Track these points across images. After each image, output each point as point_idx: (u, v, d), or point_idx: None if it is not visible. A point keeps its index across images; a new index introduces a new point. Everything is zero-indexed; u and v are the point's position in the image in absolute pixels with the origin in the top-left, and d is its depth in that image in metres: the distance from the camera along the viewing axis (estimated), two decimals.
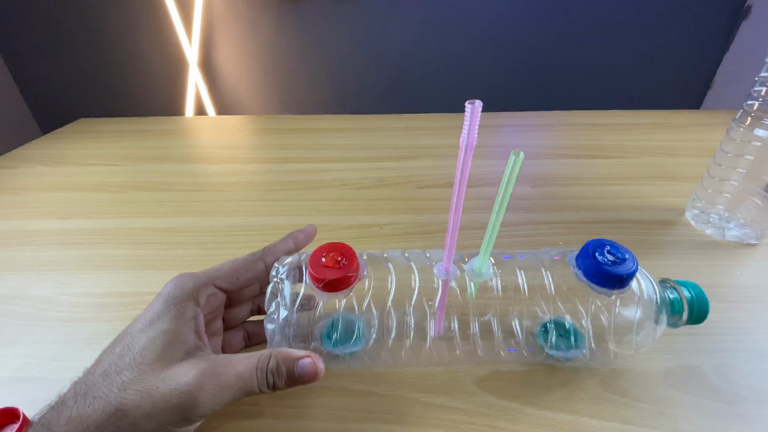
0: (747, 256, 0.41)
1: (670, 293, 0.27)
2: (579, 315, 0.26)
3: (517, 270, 0.28)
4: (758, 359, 0.30)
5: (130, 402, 0.20)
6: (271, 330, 0.26)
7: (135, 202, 0.54)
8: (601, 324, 0.26)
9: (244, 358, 0.23)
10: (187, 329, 0.24)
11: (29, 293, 0.38)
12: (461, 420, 0.26)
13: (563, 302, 0.26)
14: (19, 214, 0.52)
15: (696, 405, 0.27)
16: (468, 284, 0.27)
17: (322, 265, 0.25)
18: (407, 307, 0.26)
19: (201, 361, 0.22)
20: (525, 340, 0.27)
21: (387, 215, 0.49)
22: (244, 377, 0.22)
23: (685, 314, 0.26)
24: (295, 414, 0.27)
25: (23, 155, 0.71)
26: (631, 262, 0.25)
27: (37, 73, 1.70)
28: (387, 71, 1.62)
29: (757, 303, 0.35)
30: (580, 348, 0.27)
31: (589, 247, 0.26)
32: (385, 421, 0.26)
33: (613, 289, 0.25)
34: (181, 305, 0.24)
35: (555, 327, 0.27)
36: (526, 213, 0.49)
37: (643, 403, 0.27)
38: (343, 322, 0.27)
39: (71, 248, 0.45)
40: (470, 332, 0.27)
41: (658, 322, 0.26)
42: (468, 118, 0.19)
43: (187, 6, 1.50)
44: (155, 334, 0.23)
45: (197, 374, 0.21)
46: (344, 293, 0.26)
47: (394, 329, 0.26)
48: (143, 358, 0.22)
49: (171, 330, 0.23)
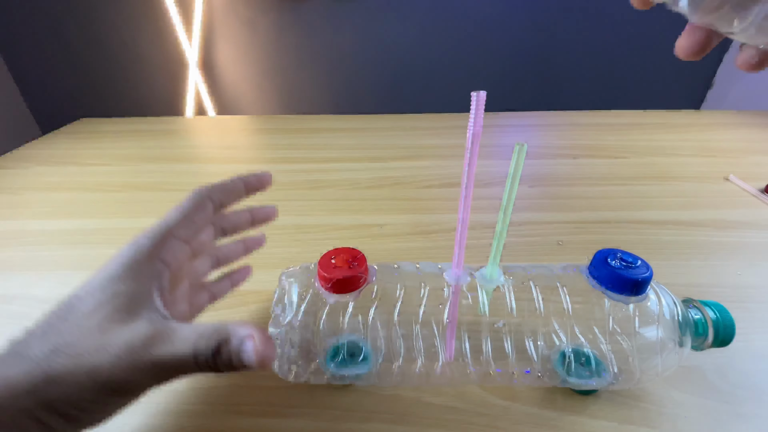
0: (747, 256, 0.41)
1: (694, 313, 0.25)
2: (597, 335, 0.25)
3: (530, 282, 0.27)
4: (758, 359, 0.30)
5: (59, 368, 0.18)
6: (273, 334, 0.25)
7: (135, 202, 0.54)
8: (621, 345, 0.25)
9: (186, 333, 0.19)
10: (147, 290, 0.21)
11: (29, 293, 0.38)
12: (461, 420, 0.26)
13: (580, 317, 0.25)
14: (19, 214, 0.52)
15: (696, 405, 0.27)
16: (480, 293, 0.26)
17: (332, 266, 0.25)
18: (418, 314, 0.26)
19: (142, 327, 0.19)
20: (542, 365, 0.26)
21: (387, 215, 0.49)
22: (177, 358, 0.18)
23: (710, 336, 0.25)
24: (295, 414, 0.27)
25: (23, 155, 0.71)
26: (645, 268, 0.24)
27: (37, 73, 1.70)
28: (387, 71, 1.61)
29: (757, 303, 0.35)
30: (601, 375, 0.25)
31: (600, 255, 0.25)
32: (385, 421, 0.26)
33: (630, 295, 0.24)
34: (142, 264, 0.22)
35: (575, 355, 0.25)
36: (526, 213, 0.49)
37: (644, 402, 0.27)
38: (349, 342, 0.26)
39: (71, 248, 0.45)
40: (483, 355, 0.26)
41: (682, 344, 0.25)
42: (474, 108, 0.19)
43: (187, 6, 1.50)
44: (105, 298, 0.20)
45: (128, 345, 0.18)
46: (353, 295, 0.25)
47: (403, 348, 0.26)
48: (87, 322, 0.19)
49: (125, 293, 0.21)
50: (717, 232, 0.45)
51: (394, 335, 0.26)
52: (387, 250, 0.43)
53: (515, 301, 0.26)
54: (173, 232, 0.24)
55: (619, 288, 0.24)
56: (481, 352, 0.26)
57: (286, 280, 0.27)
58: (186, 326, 0.20)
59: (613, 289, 0.24)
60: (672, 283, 0.37)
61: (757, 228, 0.46)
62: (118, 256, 0.22)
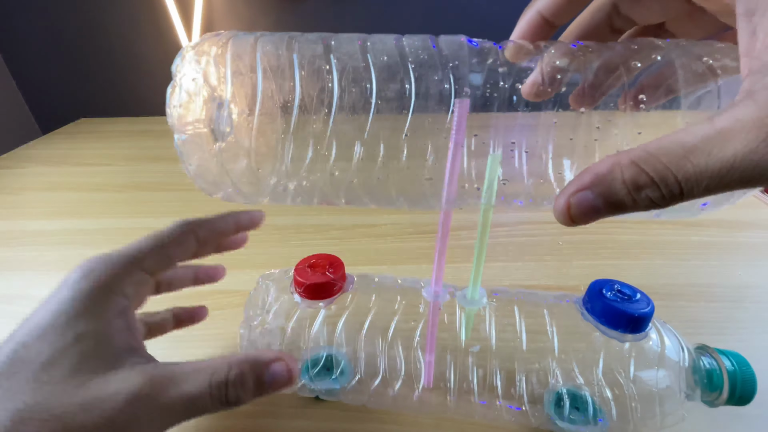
0: (747, 256, 0.41)
1: (707, 362, 0.22)
2: (589, 372, 0.22)
3: (515, 308, 0.24)
4: (758, 359, 0.30)
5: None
6: (242, 335, 0.25)
7: (135, 202, 0.54)
8: (614, 390, 0.22)
9: (192, 371, 0.17)
10: (115, 329, 0.18)
11: (29, 293, 0.38)
12: (462, 421, 0.26)
13: (568, 350, 0.23)
14: (19, 214, 0.52)
15: (696, 405, 0.27)
16: (458, 316, 0.24)
17: (308, 272, 0.25)
18: (389, 330, 0.24)
19: (135, 374, 0.17)
20: (530, 404, 0.23)
21: (387, 215, 0.49)
22: (192, 398, 0.17)
23: (725, 391, 0.21)
24: (295, 414, 0.27)
25: (23, 155, 0.71)
26: (645, 302, 0.22)
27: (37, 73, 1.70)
28: None
29: (757, 303, 0.35)
30: (597, 421, 0.22)
31: (595, 286, 0.23)
32: (385, 421, 0.26)
33: (625, 332, 0.21)
34: (101, 299, 0.18)
35: (569, 397, 0.23)
36: (525, 212, 0.49)
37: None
38: (327, 356, 0.25)
39: (71, 248, 0.45)
40: (466, 384, 0.23)
41: (691, 397, 0.22)
42: (456, 116, 0.17)
43: (187, 6, 1.50)
44: (67, 341, 0.17)
45: (133, 393, 0.16)
46: (325, 302, 0.25)
47: (372, 366, 0.24)
48: (50, 376, 0.16)
49: (91, 333, 0.17)
50: (717, 232, 0.45)
51: (359, 351, 0.24)
52: (387, 250, 0.43)
53: (496, 327, 0.24)
54: (140, 262, 0.21)
55: (614, 323, 0.22)
56: (465, 380, 0.23)
57: (263, 282, 0.27)
58: (185, 365, 0.18)
59: (608, 323, 0.22)
60: (672, 284, 0.37)
61: (757, 228, 0.45)
62: (66, 288, 0.18)
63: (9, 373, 0.16)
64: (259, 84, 0.17)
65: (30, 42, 1.62)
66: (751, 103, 0.11)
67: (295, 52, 0.17)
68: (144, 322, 0.26)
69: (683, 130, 0.12)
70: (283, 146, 0.18)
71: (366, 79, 0.17)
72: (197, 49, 0.18)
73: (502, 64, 0.17)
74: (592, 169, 0.13)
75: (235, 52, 0.17)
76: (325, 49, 0.18)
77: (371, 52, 0.17)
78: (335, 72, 0.17)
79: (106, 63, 1.66)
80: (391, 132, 0.18)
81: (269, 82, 0.17)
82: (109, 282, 0.19)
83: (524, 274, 0.39)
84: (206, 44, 0.18)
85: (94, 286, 0.19)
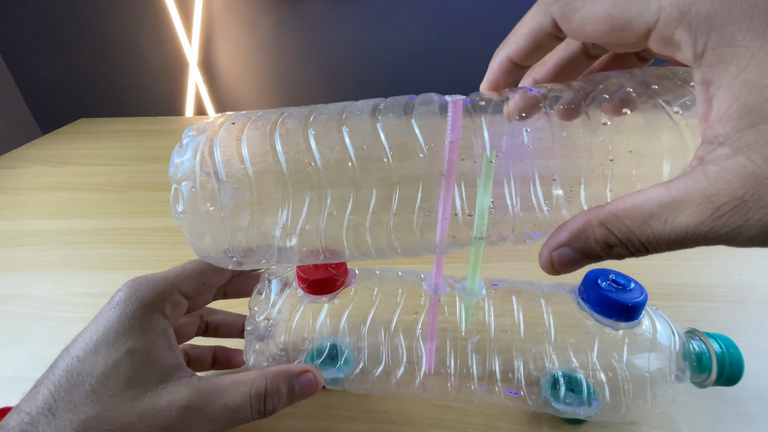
0: (747, 256, 0.41)
1: (697, 345, 0.23)
2: (584, 357, 0.23)
3: (513, 298, 0.25)
4: (758, 359, 0.30)
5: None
6: (248, 331, 0.25)
7: (135, 202, 0.54)
8: (608, 374, 0.23)
9: (231, 383, 0.19)
10: (160, 346, 0.20)
11: (29, 293, 0.38)
12: (461, 420, 0.26)
13: (564, 337, 0.24)
14: (19, 214, 0.52)
15: (696, 405, 0.27)
16: (458, 306, 0.25)
17: (311, 267, 0.25)
18: (392, 322, 0.25)
19: (183, 388, 0.18)
20: (528, 388, 0.24)
21: None
22: (235, 408, 0.19)
23: (713, 372, 0.22)
24: (295, 414, 0.27)
25: (23, 155, 0.71)
26: (638, 291, 0.23)
27: (37, 73, 1.70)
28: (387, 71, 1.61)
29: (757, 303, 0.35)
30: (591, 403, 0.23)
31: (591, 276, 0.24)
32: (385, 421, 0.26)
33: (619, 320, 0.22)
34: (146, 318, 0.20)
35: (565, 380, 0.24)
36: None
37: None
38: (331, 346, 0.25)
39: (71, 248, 0.44)
40: (466, 370, 0.24)
41: (681, 379, 0.23)
42: (450, 116, 0.18)
43: (187, 6, 1.50)
44: (119, 356, 0.18)
45: (183, 406, 0.18)
46: (328, 297, 0.25)
47: (376, 355, 0.25)
48: (107, 389, 0.17)
49: (140, 350, 0.19)
50: None
51: (362, 341, 0.25)
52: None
53: (494, 317, 0.25)
54: (179, 286, 0.22)
55: (608, 312, 0.22)
56: (465, 367, 0.24)
57: (268, 277, 0.27)
58: (225, 378, 0.20)
59: (602, 312, 0.23)
60: (671, 283, 0.37)
61: None
62: (113, 307, 0.20)
63: (68, 385, 0.17)
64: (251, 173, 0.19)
65: (30, 42, 1.62)
66: (702, 177, 0.12)
67: (280, 146, 0.19)
68: (185, 351, 0.27)
69: (644, 194, 0.14)
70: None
71: (350, 173, 0.19)
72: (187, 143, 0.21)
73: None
74: (567, 226, 0.15)
75: (224, 147, 0.20)
76: (306, 145, 0.19)
77: (350, 138, 0.19)
78: (320, 169, 0.19)
79: (106, 63, 1.66)
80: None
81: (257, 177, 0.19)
82: (152, 303, 0.21)
83: (522, 275, 0.39)
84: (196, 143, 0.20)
85: (138, 305, 0.20)
